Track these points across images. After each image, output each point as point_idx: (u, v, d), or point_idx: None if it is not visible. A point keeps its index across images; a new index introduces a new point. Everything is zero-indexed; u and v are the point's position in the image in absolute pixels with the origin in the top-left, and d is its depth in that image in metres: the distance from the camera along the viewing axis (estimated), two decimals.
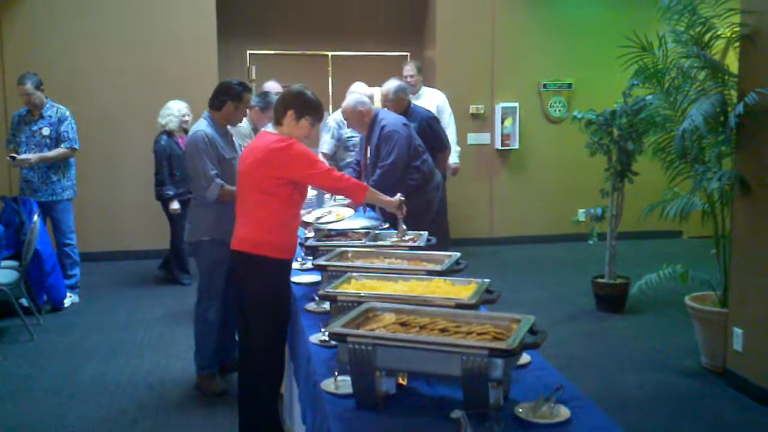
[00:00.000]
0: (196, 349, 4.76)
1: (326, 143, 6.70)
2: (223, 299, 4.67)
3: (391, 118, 5.37)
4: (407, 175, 5.30)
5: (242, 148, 4.33)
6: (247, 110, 4.99)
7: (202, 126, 4.54)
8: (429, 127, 6.16)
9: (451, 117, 7.72)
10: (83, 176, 7.27)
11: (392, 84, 6.12)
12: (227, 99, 4.57)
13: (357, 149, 6.34)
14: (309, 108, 3.65)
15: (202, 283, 4.69)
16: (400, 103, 6.09)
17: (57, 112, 6.59)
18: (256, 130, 5.53)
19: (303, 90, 3.72)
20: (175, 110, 7.13)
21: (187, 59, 8.41)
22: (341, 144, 6.65)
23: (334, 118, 6.72)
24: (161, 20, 8.44)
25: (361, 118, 5.31)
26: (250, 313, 3.68)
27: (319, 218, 4.34)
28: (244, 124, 5.50)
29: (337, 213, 4.53)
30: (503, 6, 9.19)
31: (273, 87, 7.52)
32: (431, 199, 5.46)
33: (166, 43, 8.44)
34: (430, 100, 7.61)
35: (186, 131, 6.45)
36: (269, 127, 3.81)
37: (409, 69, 7.61)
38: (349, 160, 6.50)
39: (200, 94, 4.83)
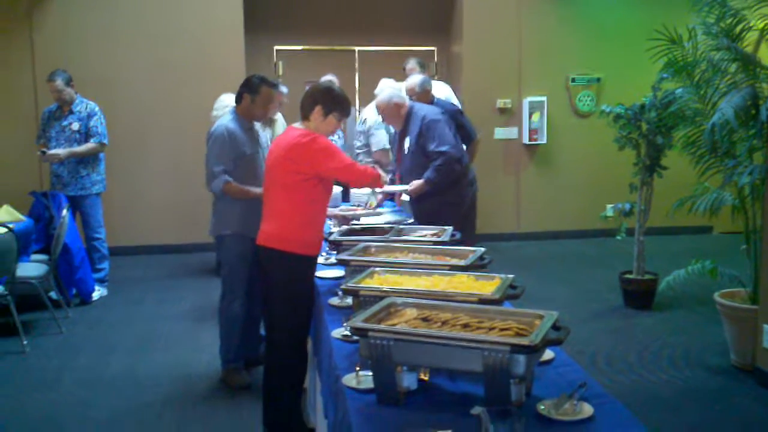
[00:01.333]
0: (221, 342, 4.78)
1: (384, 139, 6.70)
2: (247, 293, 4.68)
3: (427, 109, 5.34)
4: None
5: None
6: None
7: (224, 120, 4.56)
8: (455, 120, 6.12)
9: None
10: (112, 171, 7.33)
11: (417, 78, 6.08)
12: (244, 91, 4.57)
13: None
14: (337, 104, 3.67)
15: (226, 278, 4.71)
16: (426, 96, 6.06)
17: (86, 108, 6.65)
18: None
19: (331, 86, 3.75)
20: (229, 102, 7.14)
21: (214, 55, 8.44)
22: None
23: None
24: (190, 16, 8.48)
25: (397, 111, 5.24)
26: (274, 308, 3.69)
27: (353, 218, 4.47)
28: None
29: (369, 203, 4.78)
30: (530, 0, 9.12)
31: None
32: (465, 194, 5.42)
33: (194, 39, 8.48)
34: (440, 93, 7.58)
35: None
36: (296, 123, 3.81)
37: (411, 64, 7.46)
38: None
39: (227, 89, 4.86)
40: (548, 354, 2.49)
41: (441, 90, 7.68)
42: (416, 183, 5.05)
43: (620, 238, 6.54)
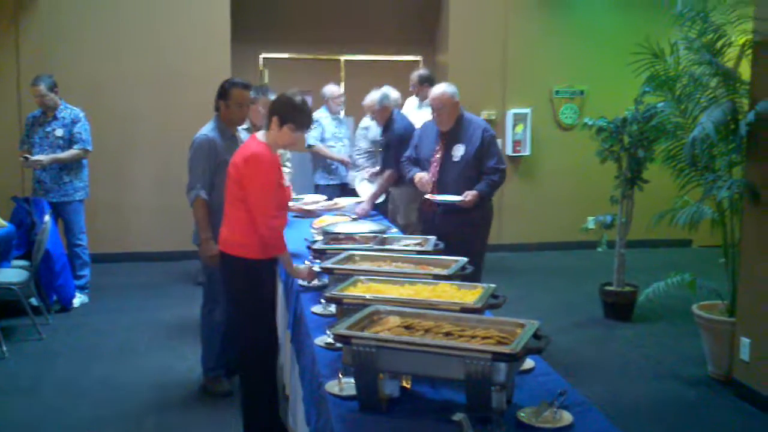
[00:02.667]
0: (202, 350, 4.77)
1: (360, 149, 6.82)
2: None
3: (476, 118, 5.15)
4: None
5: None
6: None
7: (204, 129, 4.56)
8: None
9: None
10: (97, 177, 7.31)
11: (375, 95, 6.15)
12: (217, 98, 4.58)
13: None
14: (293, 114, 3.60)
15: (207, 285, 4.71)
16: (386, 112, 6.12)
17: (71, 114, 6.63)
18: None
19: (292, 96, 3.67)
20: None
21: (200, 63, 8.43)
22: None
23: (369, 119, 6.85)
24: (176, 24, 8.48)
25: (454, 108, 4.96)
26: (234, 315, 3.78)
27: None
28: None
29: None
30: (516, 12, 9.18)
31: (333, 91, 7.62)
32: (491, 216, 5.17)
33: (180, 46, 8.47)
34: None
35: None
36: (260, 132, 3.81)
37: (415, 77, 7.47)
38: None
39: (213, 98, 4.87)
40: (529, 363, 2.51)
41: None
42: (472, 194, 4.80)
43: (601, 250, 6.59)
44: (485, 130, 4.96)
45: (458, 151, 4.93)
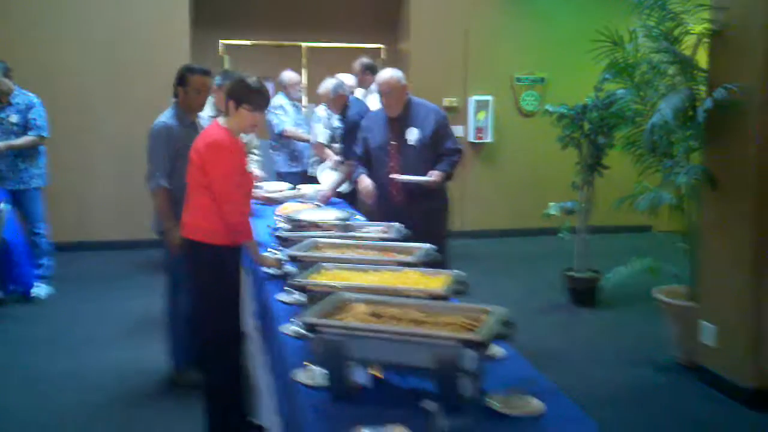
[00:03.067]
0: (168, 341, 4.73)
1: (321, 133, 6.70)
2: None
3: (426, 101, 5.08)
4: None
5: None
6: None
7: (162, 117, 4.50)
8: None
9: None
10: (57, 165, 7.18)
11: (329, 83, 6.12)
12: (176, 84, 4.52)
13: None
14: (246, 95, 3.55)
15: (169, 275, 4.66)
16: (341, 100, 6.11)
17: (25, 100, 6.49)
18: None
19: (244, 77, 3.63)
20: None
21: (159, 48, 8.31)
22: (334, 134, 6.62)
23: (324, 108, 6.72)
24: (134, 9, 8.34)
25: (403, 93, 4.89)
26: (196, 303, 3.74)
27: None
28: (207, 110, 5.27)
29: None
30: (477, 0, 9.20)
31: (291, 77, 7.51)
32: (447, 198, 5.19)
33: (138, 31, 8.34)
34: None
35: None
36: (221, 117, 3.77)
37: (359, 65, 7.45)
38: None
39: (171, 83, 4.80)
40: (497, 350, 2.53)
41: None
42: (438, 173, 4.78)
43: (563, 236, 6.66)
44: (437, 113, 4.96)
45: (412, 134, 4.88)
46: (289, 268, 3.53)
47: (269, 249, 4.13)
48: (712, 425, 4.29)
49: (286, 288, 3.33)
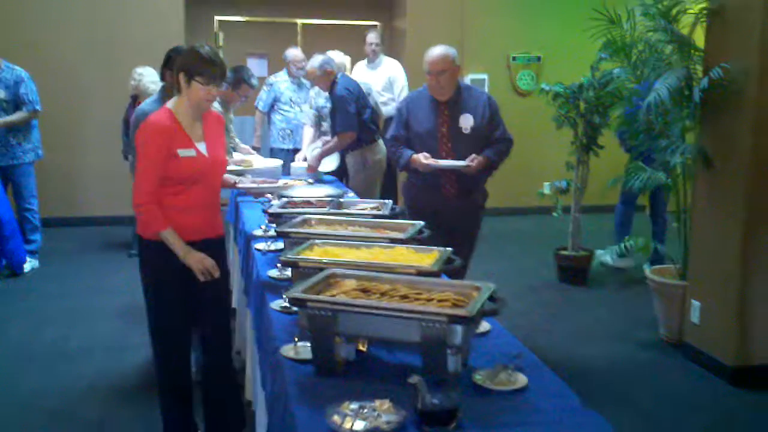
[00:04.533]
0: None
1: (305, 115, 6.63)
2: None
3: (474, 86, 4.91)
4: None
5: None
6: None
7: (145, 104, 4.18)
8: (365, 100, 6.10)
9: (404, 90, 7.50)
10: (46, 140, 7.12)
11: (316, 60, 5.79)
12: (163, 67, 4.25)
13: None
14: (199, 66, 3.12)
15: None
16: (329, 77, 5.80)
17: (13, 74, 6.43)
18: (225, 106, 5.15)
19: (196, 47, 3.20)
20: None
21: (153, 25, 8.23)
22: (320, 113, 6.51)
23: (310, 87, 6.66)
24: None
25: (456, 73, 4.45)
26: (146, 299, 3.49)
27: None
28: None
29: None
30: None
31: (294, 54, 7.44)
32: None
33: (132, 8, 8.26)
34: (385, 69, 7.60)
35: None
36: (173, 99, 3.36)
37: (374, 37, 7.55)
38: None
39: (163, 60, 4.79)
40: (485, 326, 2.52)
41: (390, 67, 7.68)
42: (478, 159, 4.33)
43: (556, 216, 6.65)
44: (489, 98, 4.53)
45: (467, 121, 4.39)
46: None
47: (261, 227, 4.13)
48: (694, 400, 4.31)
49: (277, 264, 3.32)
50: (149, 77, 6.51)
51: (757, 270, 4.43)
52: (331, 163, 6.03)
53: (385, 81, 7.57)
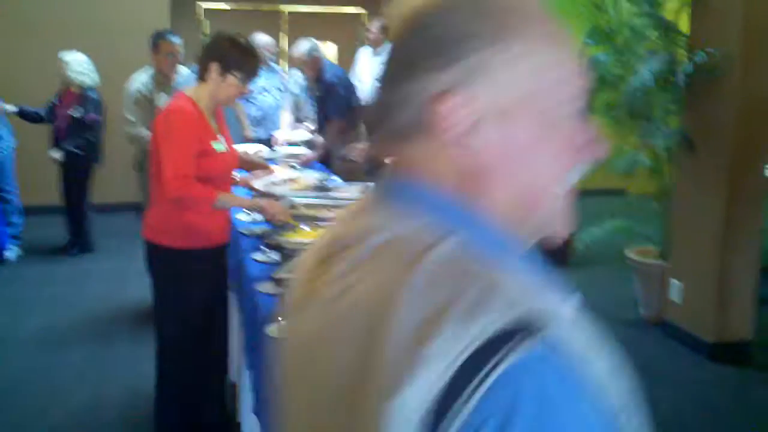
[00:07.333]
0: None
1: (284, 99, 6.60)
2: None
3: None
4: None
5: None
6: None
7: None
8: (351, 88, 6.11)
9: None
10: (25, 126, 7.08)
11: (304, 46, 5.76)
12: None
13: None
14: (238, 58, 2.87)
15: None
16: (316, 63, 5.81)
17: None
18: None
19: (236, 37, 2.93)
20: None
21: (136, 12, 8.19)
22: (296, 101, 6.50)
23: (286, 73, 6.64)
24: None
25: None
26: (156, 305, 3.22)
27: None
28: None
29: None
30: None
31: (263, 41, 7.40)
32: None
33: None
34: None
35: None
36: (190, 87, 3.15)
37: (376, 26, 7.46)
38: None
39: (149, 48, 4.77)
40: None
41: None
42: None
43: None
44: None
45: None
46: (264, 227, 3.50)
47: (245, 211, 4.14)
48: (674, 375, 4.43)
49: (261, 247, 3.33)
50: (77, 66, 6.39)
51: (736, 250, 4.54)
52: (302, 135, 6.02)
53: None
